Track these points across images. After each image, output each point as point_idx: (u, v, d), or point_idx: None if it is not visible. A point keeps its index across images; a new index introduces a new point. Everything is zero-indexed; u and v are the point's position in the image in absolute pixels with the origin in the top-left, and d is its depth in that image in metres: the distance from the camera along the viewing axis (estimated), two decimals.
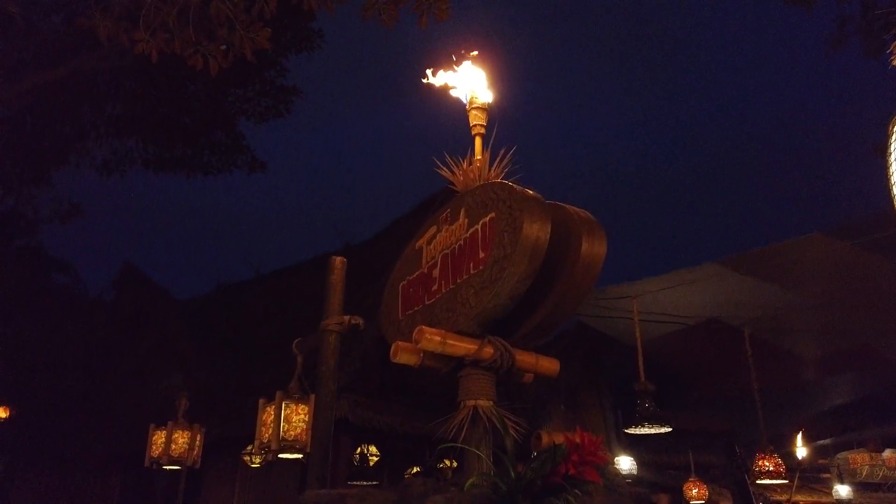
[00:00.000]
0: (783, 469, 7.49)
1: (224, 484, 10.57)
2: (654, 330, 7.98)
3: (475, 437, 3.11)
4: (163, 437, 5.91)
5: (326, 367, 3.90)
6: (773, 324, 7.45)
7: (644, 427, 5.96)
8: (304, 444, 4.08)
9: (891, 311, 6.08)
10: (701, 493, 11.17)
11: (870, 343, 7.69)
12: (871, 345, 7.70)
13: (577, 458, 2.24)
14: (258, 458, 8.88)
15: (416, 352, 3.21)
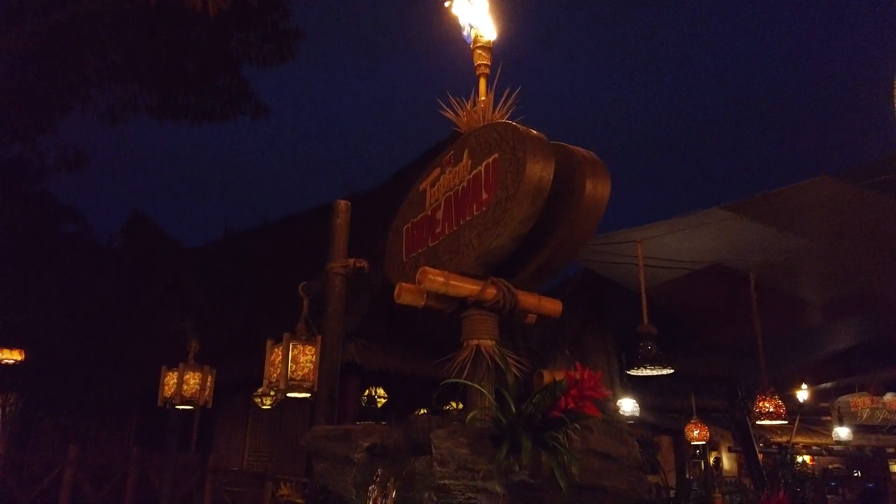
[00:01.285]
0: (783, 410, 7.62)
1: (236, 424, 10.88)
2: (658, 275, 8.00)
3: (478, 375, 3.18)
4: (174, 379, 6.06)
5: (332, 308, 3.95)
6: (779, 269, 7.45)
7: (646, 369, 6.05)
8: (312, 383, 4.17)
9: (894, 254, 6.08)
10: (702, 434, 11.42)
11: (874, 288, 7.70)
12: (876, 290, 7.71)
13: (577, 393, 2.29)
14: (268, 399, 9.10)
15: (419, 293, 3.25)
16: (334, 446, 3.12)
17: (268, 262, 12.90)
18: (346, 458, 3.06)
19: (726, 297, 8.52)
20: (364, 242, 4.65)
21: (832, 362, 11.66)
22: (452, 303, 3.33)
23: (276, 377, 4.33)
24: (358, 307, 9.91)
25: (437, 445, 2.58)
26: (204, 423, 10.89)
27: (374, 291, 9.96)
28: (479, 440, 2.50)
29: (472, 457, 2.47)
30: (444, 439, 2.58)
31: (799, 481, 10.05)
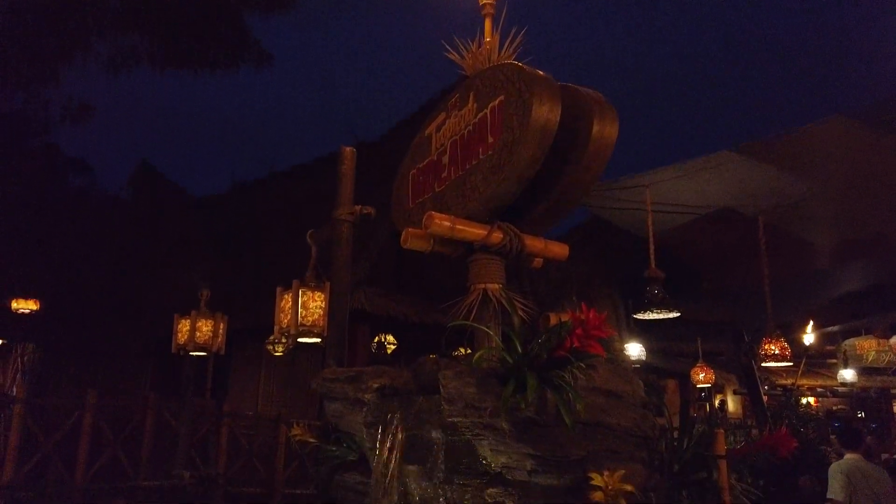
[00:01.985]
0: (788, 352, 7.69)
1: (250, 371, 11.12)
2: (667, 221, 7.96)
3: (485, 318, 3.22)
4: (187, 326, 6.17)
5: (340, 255, 3.98)
6: (788, 212, 7.40)
7: (652, 312, 6.10)
8: (322, 328, 4.24)
9: None
10: (707, 377, 11.58)
11: (884, 230, 7.65)
12: (886, 232, 7.66)
13: (582, 333, 2.32)
14: (280, 346, 9.27)
15: (425, 238, 3.26)
16: (345, 388, 3.19)
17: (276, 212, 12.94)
18: (357, 399, 3.14)
19: (735, 241, 8.48)
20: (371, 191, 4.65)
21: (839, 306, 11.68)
22: (459, 247, 3.34)
23: (286, 323, 4.40)
24: (366, 256, 9.97)
25: (445, 385, 2.64)
26: (218, 371, 11.13)
27: (382, 240, 10.00)
28: (486, 380, 2.55)
29: (479, 395, 2.53)
30: (451, 379, 2.63)
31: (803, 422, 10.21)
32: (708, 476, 2.48)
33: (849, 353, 13.47)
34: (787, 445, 2.50)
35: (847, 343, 13.67)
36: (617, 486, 2.18)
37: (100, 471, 6.93)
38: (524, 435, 2.44)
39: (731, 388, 14.85)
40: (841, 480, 5.33)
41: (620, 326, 12.28)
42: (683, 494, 2.48)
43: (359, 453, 3.24)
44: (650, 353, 11.56)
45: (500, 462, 2.58)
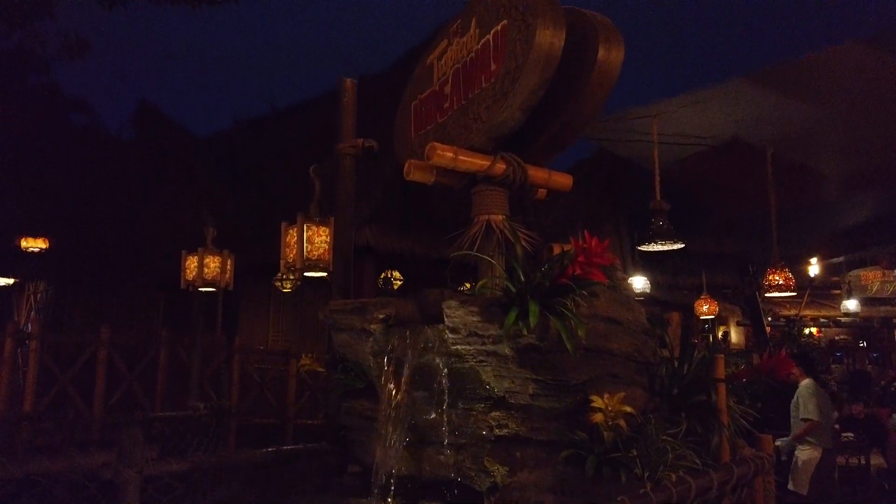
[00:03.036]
0: (793, 283, 7.73)
1: (259, 308, 11.28)
2: (674, 152, 7.87)
3: (488, 249, 3.23)
4: (195, 262, 6.24)
5: (343, 189, 3.97)
6: (797, 142, 7.28)
7: (657, 244, 6.10)
8: (327, 263, 4.28)
9: None
10: (711, 309, 11.70)
11: (893, 161, 7.55)
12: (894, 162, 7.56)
13: (584, 260, 2.33)
14: (288, 283, 9.37)
15: (428, 169, 3.24)
16: (351, 318, 3.24)
17: (280, 149, 12.83)
18: (363, 330, 3.19)
19: (742, 172, 8.41)
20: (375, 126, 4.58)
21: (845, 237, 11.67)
22: (462, 178, 3.33)
23: (292, 258, 4.44)
24: (372, 193, 9.94)
25: (449, 314, 2.68)
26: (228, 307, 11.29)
27: (388, 177, 9.94)
28: (489, 308, 2.59)
29: (482, 323, 2.57)
30: (455, 308, 2.67)
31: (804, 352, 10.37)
32: (707, 399, 2.54)
33: (853, 283, 13.55)
34: (786, 368, 2.55)
35: (852, 274, 13.73)
36: (617, 408, 2.23)
37: (116, 404, 7.16)
38: (526, 361, 2.49)
39: (735, 319, 15.01)
40: (814, 402, 5.69)
41: (626, 260, 12.33)
42: (682, 416, 2.55)
43: (366, 381, 3.32)
44: (655, 287, 11.66)
45: (503, 387, 2.64)
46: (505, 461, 2.55)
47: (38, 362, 6.54)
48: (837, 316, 14.52)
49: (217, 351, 8.33)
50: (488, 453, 2.63)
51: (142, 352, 7.66)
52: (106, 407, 7.00)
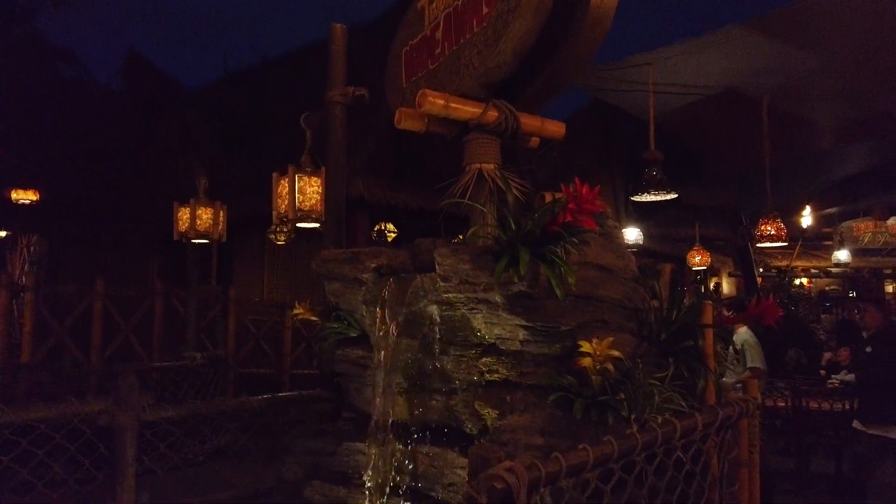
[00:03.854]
0: (784, 233, 7.76)
1: (253, 260, 11.30)
2: (670, 102, 7.79)
3: (480, 198, 3.23)
4: (187, 214, 6.21)
5: (334, 138, 3.93)
6: (793, 91, 7.21)
7: (649, 194, 6.10)
8: (319, 213, 4.27)
9: None
10: (703, 260, 11.78)
11: (891, 108, 7.48)
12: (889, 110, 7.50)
13: (575, 207, 2.33)
14: (282, 236, 9.37)
15: (419, 117, 3.21)
16: (343, 268, 3.25)
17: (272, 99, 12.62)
18: (355, 279, 3.21)
19: (737, 123, 8.35)
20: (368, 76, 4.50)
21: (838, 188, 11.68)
22: (454, 127, 3.29)
23: (284, 209, 4.43)
24: (365, 144, 9.84)
25: (441, 262, 2.70)
26: (222, 260, 11.32)
27: (381, 129, 9.83)
28: (480, 256, 2.60)
29: (473, 271, 2.58)
30: (446, 256, 2.68)
31: (794, 301, 10.51)
32: (694, 344, 2.58)
33: (845, 234, 13.64)
34: (773, 314, 2.59)
35: (844, 225, 13.80)
36: (605, 353, 2.27)
37: (113, 355, 7.23)
38: (517, 308, 2.52)
39: (727, 270, 15.12)
40: (759, 350, 5.74)
41: (619, 210, 12.34)
42: (670, 361, 2.59)
43: (359, 330, 3.35)
44: (648, 238, 11.69)
45: (494, 334, 2.68)
46: (495, 405, 2.61)
47: (34, 314, 6.57)
48: (828, 267, 14.65)
49: (212, 303, 8.37)
50: (479, 398, 2.68)
51: (137, 303, 7.70)
52: (103, 358, 7.07)
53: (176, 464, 3.99)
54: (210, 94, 14.90)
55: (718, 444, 2.31)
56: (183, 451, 4.58)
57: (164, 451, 3.45)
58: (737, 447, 2.48)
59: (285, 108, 11.58)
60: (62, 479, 3.14)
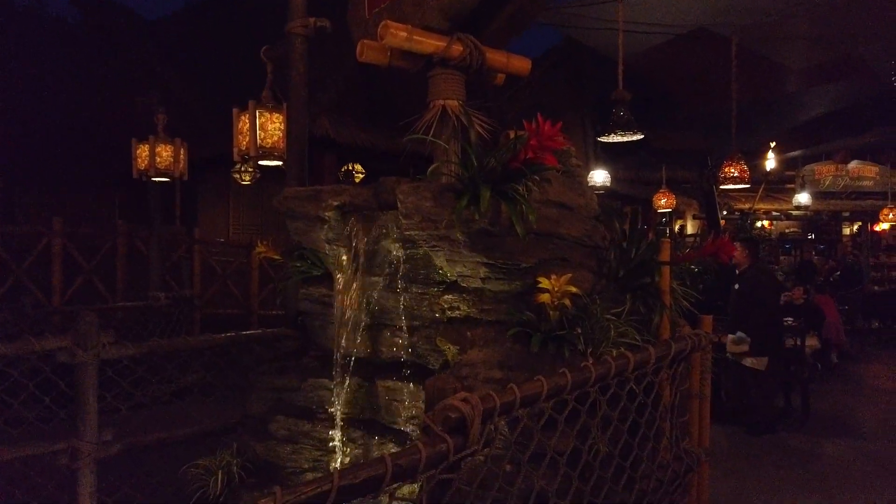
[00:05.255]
0: (747, 175, 7.87)
1: (218, 200, 11.11)
2: (641, 41, 7.70)
3: (444, 135, 3.19)
4: (146, 151, 6.03)
5: (296, 72, 3.82)
6: (763, 32, 7.18)
7: (616, 135, 6.08)
8: (282, 151, 4.18)
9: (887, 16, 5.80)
10: (669, 202, 11.93)
11: (857, 51, 7.52)
12: (859, 53, 7.53)
13: (536, 144, 2.31)
14: (247, 175, 9.18)
15: (382, 50, 3.12)
16: (306, 206, 3.21)
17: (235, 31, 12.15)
18: (318, 217, 3.17)
19: (706, 64, 8.32)
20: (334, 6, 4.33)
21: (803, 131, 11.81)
22: (418, 61, 3.21)
23: (245, 146, 4.33)
24: (333, 81, 9.58)
25: (402, 200, 2.67)
26: (186, 200, 11.11)
27: (350, 66, 9.56)
28: (442, 194, 2.58)
29: (435, 209, 2.57)
30: (408, 194, 2.66)
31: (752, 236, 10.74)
32: (651, 281, 2.63)
33: (807, 177, 13.88)
34: (728, 251, 2.64)
35: (806, 168, 14.03)
36: (563, 289, 2.30)
37: (76, 296, 7.11)
38: (478, 245, 2.52)
39: (692, 213, 15.37)
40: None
41: (589, 153, 12.34)
42: (627, 297, 2.64)
43: (323, 269, 3.34)
44: (617, 181, 11.75)
45: (456, 271, 2.69)
46: (456, 341, 2.65)
47: None
48: (789, 209, 14.97)
49: (177, 243, 8.25)
50: (441, 334, 2.71)
51: (99, 244, 7.53)
52: (64, 299, 6.96)
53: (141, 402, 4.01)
54: (170, 26, 14.28)
55: (671, 376, 2.39)
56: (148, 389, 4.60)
57: (128, 389, 3.45)
58: (689, 379, 2.56)
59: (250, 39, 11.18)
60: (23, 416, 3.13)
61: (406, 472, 1.35)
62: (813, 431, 5.90)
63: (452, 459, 1.46)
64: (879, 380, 8.79)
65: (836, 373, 8.68)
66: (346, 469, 1.26)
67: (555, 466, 1.91)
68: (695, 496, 2.59)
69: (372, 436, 2.95)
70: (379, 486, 1.31)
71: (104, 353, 2.85)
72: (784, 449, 5.40)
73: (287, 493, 1.17)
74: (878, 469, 4.91)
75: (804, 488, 4.47)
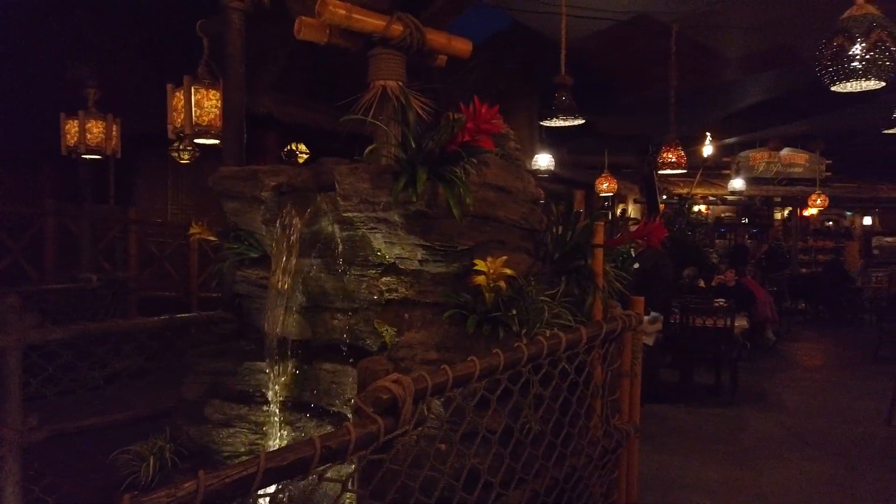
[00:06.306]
0: (684, 160, 8.09)
1: (156, 179, 10.74)
2: (584, 27, 7.77)
3: (384, 116, 3.16)
4: (76, 127, 5.77)
5: (232, 48, 3.71)
6: (702, 20, 7.35)
7: (558, 119, 6.16)
8: (219, 129, 4.07)
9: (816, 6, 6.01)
10: (610, 186, 12.18)
11: (791, 42, 7.78)
12: (792, 44, 7.80)
13: (473, 127, 2.32)
14: (186, 154, 8.90)
15: (320, 27, 3.07)
16: (242, 186, 3.15)
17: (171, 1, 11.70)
18: (254, 197, 3.11)
19: (649, 51, 8.46)
20: None
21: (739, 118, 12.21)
22: (358, 40, 3.18)
23: (180, 123, 4.20)
24: (276, 58, 9.34)
25: (340, 181, 2.65)
26: (122, 178, 10.70)
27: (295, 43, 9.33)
28: (380, 175, 2.57)
29: (373, 190, 2.55)
30: (346, 175, 2.63)
31: (692, 227, 11.10)
32: (585, 263, 2.68)
33: (742, 163, 14.38)
34: (659, 234, 2.72)
35: (741, 154, 14.53)
36: (498, 271, 2.33)
37: (1, 278, 6.79)
38: (416, 227, 2.53)
39: (633, 197, 15.72)
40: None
41: (535, 137, 12.45)
42: (562, 279, 2.70)
43: (260, 250, 3.29)
44: (561, 166, 11.90)
45: (394, 253, 2.69)
46: (394, 323, 2.65)
47: None
48: (725, 194, 15.49)
49: (111, 223, 7.95)
50: (379, 316, 2.72)
51: (27, 223, 7.20)
52: None
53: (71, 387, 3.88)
54: None
55: (602, 355, 2.46)
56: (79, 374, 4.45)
57: (56, 375, 3.33)
58: (620, 358, 2.64)
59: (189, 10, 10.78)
60: None
61: (335, 453, 1.36)
62: (741, 407, 6.17)
63: (383, 440, 1.47)
64: (804, 358, 9.25)
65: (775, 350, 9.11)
66: (273, 451, 1.26)
67: (487, 445, 1.95)
68: (624, 471, 2.68)
69: (311, 419, 2.94)
70: (307, 468, 1.31)
71: (28, 337, 2.74)
72: (714, 425, 5.64)
73: (211, 477, 1.16)
74: (799, 442, 5.18)
75: (730, 462, 4.69)
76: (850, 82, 3.63)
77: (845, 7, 3.73)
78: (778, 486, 4.25)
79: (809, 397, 6.69)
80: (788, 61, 8.54)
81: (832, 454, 4.89)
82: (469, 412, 1.80)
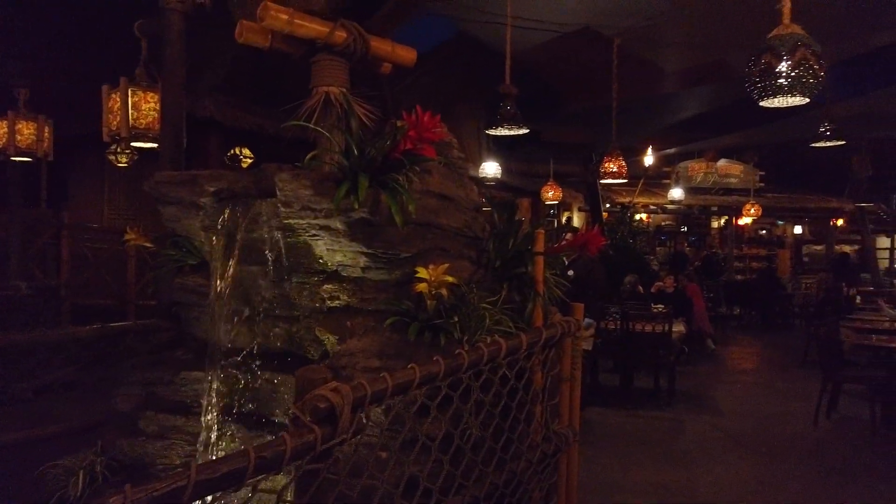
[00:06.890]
0: (625, 170, 8.32)
1: (92, 183, 10.36)
2: (530, 37, 7.91)
3: (328, 123, 3.15)
4: (5, 128, 5.53)
5: (171, 50, 3.62)
6: (642, 35, 7.59)
7: (503, 128, 6.24)
8: (157, 132, 3.97)
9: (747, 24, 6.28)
10: (555, 195, 12.40)
11: (724, 57, 8.11)
12: (726, 59, 8.13)
13: (415, 135, 2.33)
14: (123, 157, 8.63)
15: (262, 32, 3.04)
16: (180, 191, 3.08)
17: None
18: (193, 203, 3.04)
19: (592, 63, 8.67)
20: None
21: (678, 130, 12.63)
22: (300, 45, 3.15)
23: (116, 126, 4.08)
24: (219, 61, 9.16)
25: (282, 187, 2.62)
26: (55, 181, 10.29)
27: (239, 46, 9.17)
28: (322, 182, 2.55)
29: (314, 197, 2.54)
30: (288, 181, 2.61)
31: (633, 235, 11.41)
32: (526, 271, 2.72)
33: (681, 174, 14.88)
34: (597, 242, 2.79)
35: (681, 165, 15.03)
36: (440, 279, 2.34)
37: None
38: (358, 235, 2.52)
39: (578, 205, 16.04)
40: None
41: (482, 145, 12.57)
42: (504, 286, 2.73)
43: (199, 257, 3.22)
44: (508, 174, 12.05)
45: (336, 260, 2.68)
46: (336, 330, 2.64)
47: None
48: (665, 203, 15.98)
49: (43, 227, 7.63)
50: (320, 324, 2.69)
51: None
52: None
53: None
54: None
55: (542, 361, 2.50)
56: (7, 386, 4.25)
57: None
58: (560, 364, 2.69)
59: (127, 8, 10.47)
60: None
61: (270, 463, 1.34)
62: (678, 410, 6.36)
63: (320, 449, 1.46)
64: (738, 362, 9.61)
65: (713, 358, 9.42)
66: (205, 463, 1.24)
67: (427, 452, 1.95)
68: (564, 475, 2.73)
69: (250, 429, 2.88)
70: (241, 480, 1.29)
71: None
72: (653, 428, 5.79)
73: (139, 491, 1.13)
74: (732, 443, 5.37)
75: (668, 463, 4.82)
76: (777, 98, 3.81)
77: (773, 26, 3.92)
78: (712, 486, 4.39)
79: (742, 400, 6.95)
80: (722, 76, 8.89)
81: (763, 454, 5.09)
82: (409, 419, 1.81)
